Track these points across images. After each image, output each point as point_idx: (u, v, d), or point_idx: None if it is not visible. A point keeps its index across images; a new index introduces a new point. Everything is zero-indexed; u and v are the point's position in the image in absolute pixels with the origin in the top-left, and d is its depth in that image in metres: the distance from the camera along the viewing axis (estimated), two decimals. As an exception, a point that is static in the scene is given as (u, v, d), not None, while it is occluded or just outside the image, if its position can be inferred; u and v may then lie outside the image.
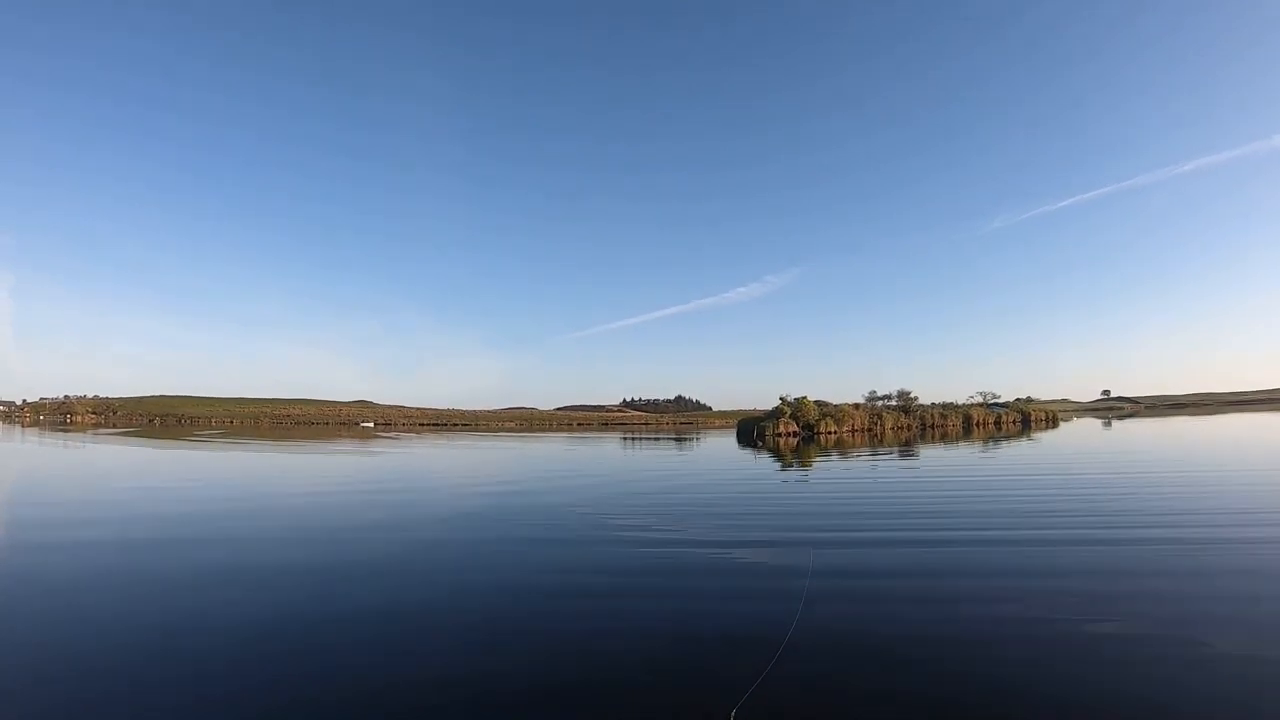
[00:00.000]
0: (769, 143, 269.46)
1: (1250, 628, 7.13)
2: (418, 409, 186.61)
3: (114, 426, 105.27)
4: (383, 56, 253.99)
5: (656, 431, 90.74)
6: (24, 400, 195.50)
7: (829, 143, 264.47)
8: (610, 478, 26.27)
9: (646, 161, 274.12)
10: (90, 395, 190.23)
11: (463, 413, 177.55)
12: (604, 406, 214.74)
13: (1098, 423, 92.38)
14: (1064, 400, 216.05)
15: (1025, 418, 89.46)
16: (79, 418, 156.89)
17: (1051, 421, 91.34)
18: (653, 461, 35.93)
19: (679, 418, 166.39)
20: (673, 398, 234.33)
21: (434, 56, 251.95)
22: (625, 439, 65.82)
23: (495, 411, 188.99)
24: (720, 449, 46.29)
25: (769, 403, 73.85)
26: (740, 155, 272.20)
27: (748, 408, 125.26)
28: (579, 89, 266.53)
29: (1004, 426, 78.60)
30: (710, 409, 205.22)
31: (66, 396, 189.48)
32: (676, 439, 64.22)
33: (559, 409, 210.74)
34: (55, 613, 8.22)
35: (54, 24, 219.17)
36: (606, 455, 41.64)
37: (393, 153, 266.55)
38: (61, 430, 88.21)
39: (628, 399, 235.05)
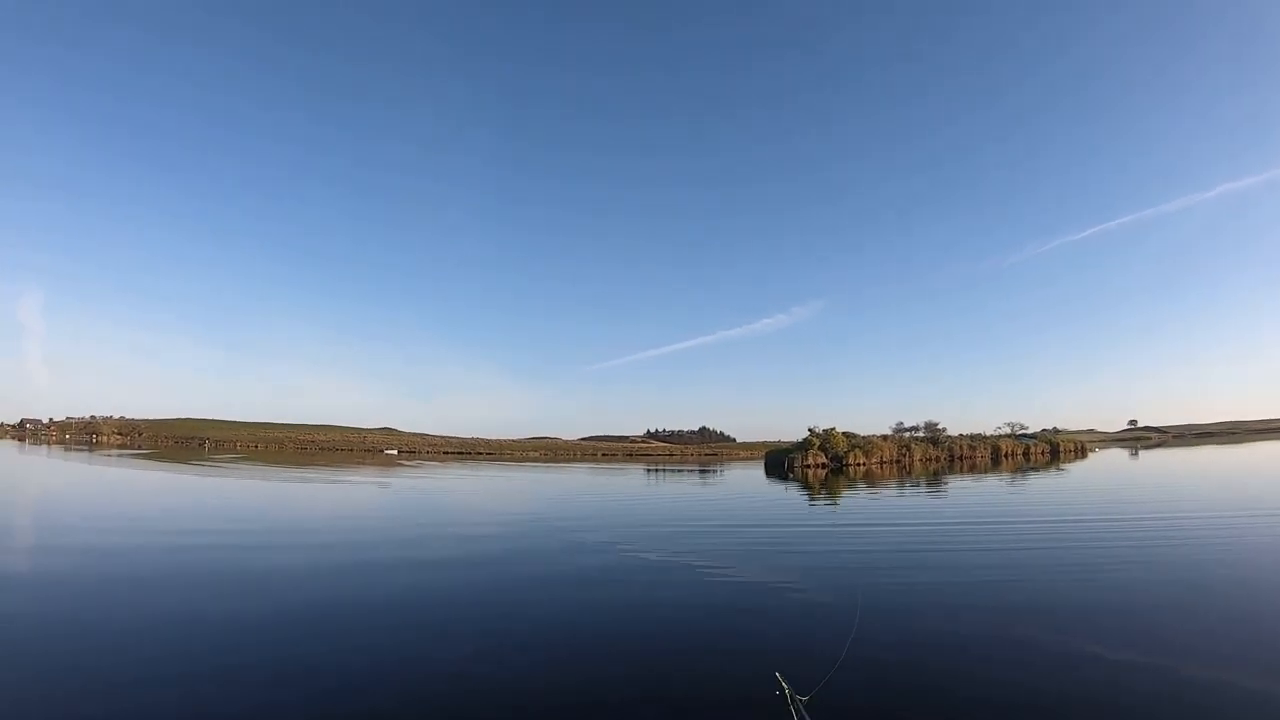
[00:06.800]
0: (797, 186, 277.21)
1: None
2: (442, 437, 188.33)
3: (138, 448, 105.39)
4: (413, 79, 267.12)
5: (681, 463, 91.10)
6: (50, 419, 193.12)
7: (856, 186, 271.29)
8: (649, 514, 25.81)
9: (674, 199, 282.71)
10: (117, 416, 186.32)
11: (487, 441, 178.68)
12: (628, 437, 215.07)
13: (1125, 453, 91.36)
14: (1091, 430, 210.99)
15: (1054, 448, 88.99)
16: (104, 438, 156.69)
17: (1080, 452, 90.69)
18: (686, 495, 36.48)
19: (703, 449, 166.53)
20: (697, 429, 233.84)
21: (468, 79, 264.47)
22: (651, 470, 66.32)
23: (519, 441, 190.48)
24: (750, 481, 46.64)
25: (793, 435, 74.69)
26: (768, 196, 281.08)
27: (771, 440, 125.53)
28: (603, 135, 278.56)
29: (1033, 457, 78.48)
30: (734, 441, 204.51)
31: (93, 416, 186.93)
32: (702, 470, 64.59)
33: (583, 439, 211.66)
34: None
35: (98, 58, 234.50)
36: (638, 488, 41.89)
37: (424, 194, 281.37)
38: (85, 449, 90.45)
39: (651, 430, 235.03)
